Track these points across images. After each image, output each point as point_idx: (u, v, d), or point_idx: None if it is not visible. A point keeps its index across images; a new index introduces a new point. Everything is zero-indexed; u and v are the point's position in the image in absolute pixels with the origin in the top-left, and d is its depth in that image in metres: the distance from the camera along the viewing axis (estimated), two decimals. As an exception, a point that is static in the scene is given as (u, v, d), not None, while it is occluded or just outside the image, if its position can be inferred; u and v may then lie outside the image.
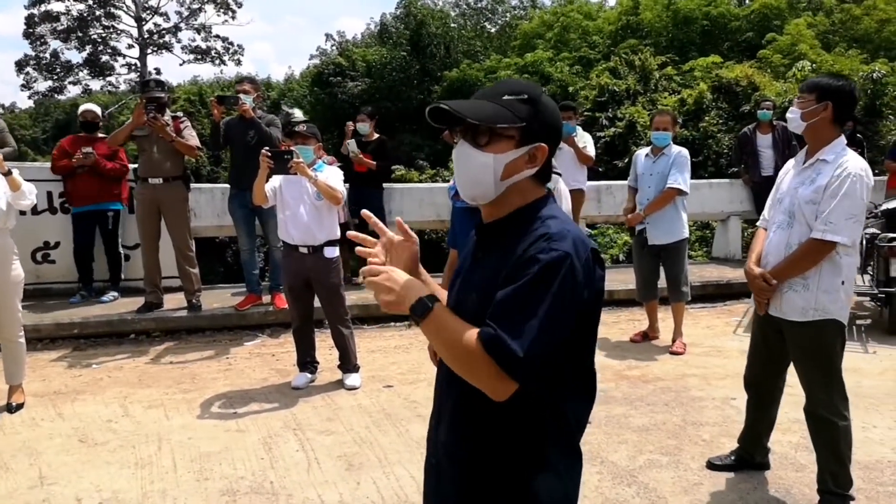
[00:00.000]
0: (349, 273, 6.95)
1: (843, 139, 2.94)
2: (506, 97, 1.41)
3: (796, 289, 2.92)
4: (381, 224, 1.55)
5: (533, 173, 1.44)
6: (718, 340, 5.73)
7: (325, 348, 5.08)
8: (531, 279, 1.30)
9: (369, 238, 1.53)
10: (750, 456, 3.38)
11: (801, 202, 2.90)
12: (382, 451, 3.63)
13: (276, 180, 4.52)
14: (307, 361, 4.74)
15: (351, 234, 1.56)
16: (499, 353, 1.27)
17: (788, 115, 3.02)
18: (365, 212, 1.61)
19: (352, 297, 5.59)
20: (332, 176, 4.48)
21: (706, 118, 12.53)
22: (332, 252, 4.50)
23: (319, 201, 4.41)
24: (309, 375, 4.71)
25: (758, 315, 3.18)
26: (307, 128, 4.56)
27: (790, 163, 3.20)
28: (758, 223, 3.34)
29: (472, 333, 1.31)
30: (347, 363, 4.68)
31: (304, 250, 4.45)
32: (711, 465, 3.42)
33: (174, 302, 6.08)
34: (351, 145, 6.81)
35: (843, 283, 2.88)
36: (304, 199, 4.41)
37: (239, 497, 3.14)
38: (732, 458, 3.42)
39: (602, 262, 1.41)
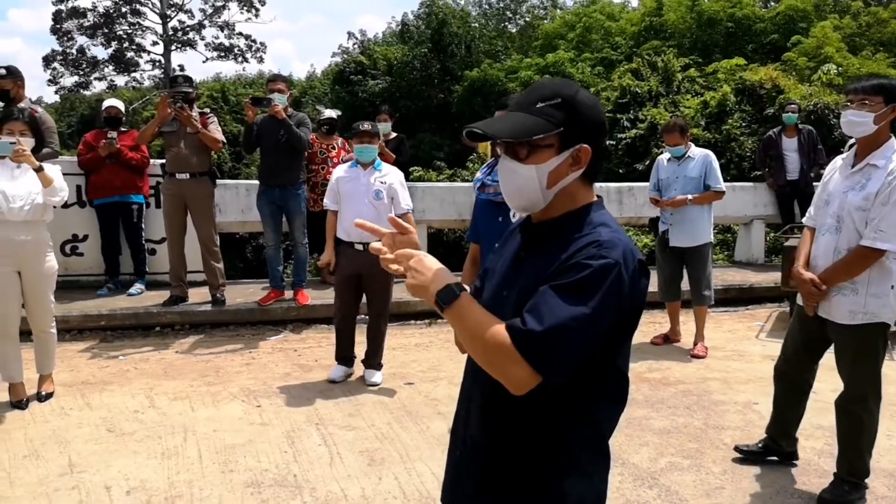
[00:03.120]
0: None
1: (893, 142, 2.93)
2: (539, 104, 1.39)
3: (845, 293, 2.95)
4: (376, 226, 1.53)
5: (579, 175, 1.43)
6: (740, 345, 5.70)
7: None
8: (575, 282, 1.29)
9: (378, 228, 1.53)
10: (778, 446, 3.43)
11: (851, 208, 2.91)
12: (404, 447, 3.66)
13: (334, 179, 4.63)
14: (345, 355, 4.78)
15: (358, 221, 1.56)
16: (519, 334, 1.28)
17: (853, 117, 2.93)
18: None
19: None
20: (395, 178, 4.62)
21: (729, 121, 12.39)
22: None
23: (378, 200, 4.48)
24: (346, 369, 4.76)
25: (798, 311, 3.23)
26: (372, 127, 4.65)
27: (837, 161, 3.18)
28: (804, 220, 3.34)
29: (499, 325, 1.31)
30: (374, 359, 4.73)
31: (360, 247, 4.51)
32: (739, 451, 3.49)
33: (199, 296, 6.17)
34: (378, 128, 6.83)
35: (892, 287, 2.91)
36: (363, 197, 4.49)
37: (263, 489, 3.19)
38: (760, 445, 3.48)
39: (647, 272, 1.40)
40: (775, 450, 3.44)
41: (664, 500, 3.14)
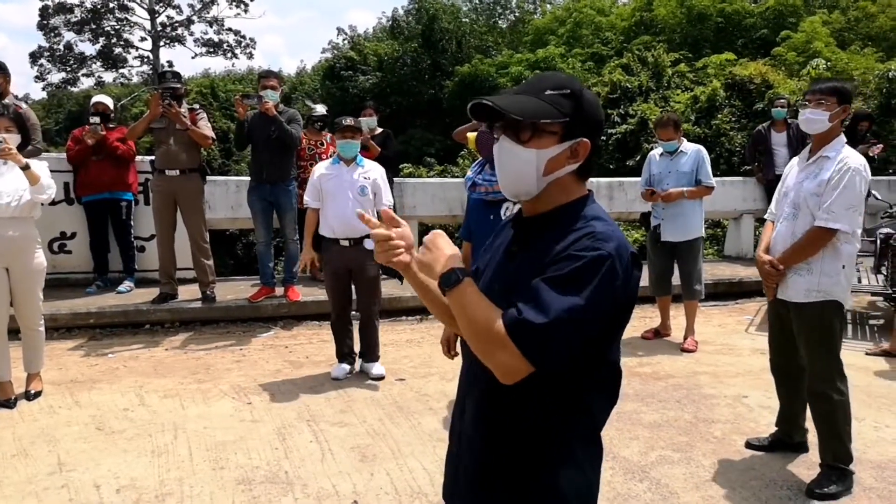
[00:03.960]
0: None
1: (843, 137, 3.22)
2: (548, 92, 1.40)
3: (801, 273, 3.18)
4: (371, 218, 1.61)
5: (575, 168, 1.43)
6: (730, 338, 5.73)
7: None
8: (569, 273, 1.30)
9: (373, 220, 1.59)
10: (788, 437, 3.55)
11: (807, 195, 3.17)
12: (395, 443, 3.66)
13: (316, 176, 4.62)
14: (346, 353, 4.78)
15: (359, 211, 1.64)
16: (514, 324, 1.28)
17: (810, 115, 3.19)
18: (359, 211, 1.67)
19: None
20: (378, 173, 4.61)
21: (719, 116, 12.46)
22: (372, 244, 4.54)
23: (363, 196, 4.48)
24: (348, 367, 4.76)
25: (768, 301, 3.46)
26: (355, 122, 4.66)
27: (794, 161, 3.46)
28: (766, 216, 3.58)
29: (497, 314, 1.32)
30: (371, 354, 4.75)
31: (346, 243, 4.52)
32: (749, 445, 3.59)
33: (188, 293, 6.14)
34: (363, 123, 6.68)
35: (843, 267, 3.15)
36: (347, 193, 4.48)
37: (254, 486, 3.18)
38: (769, 439, 3.58)
39: (640, 265, 1.40)
40: (786, 442, 3.55)
41: (654, 493, 3.15)
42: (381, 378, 4.63)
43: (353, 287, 4.75)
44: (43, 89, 35.18)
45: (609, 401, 1.48)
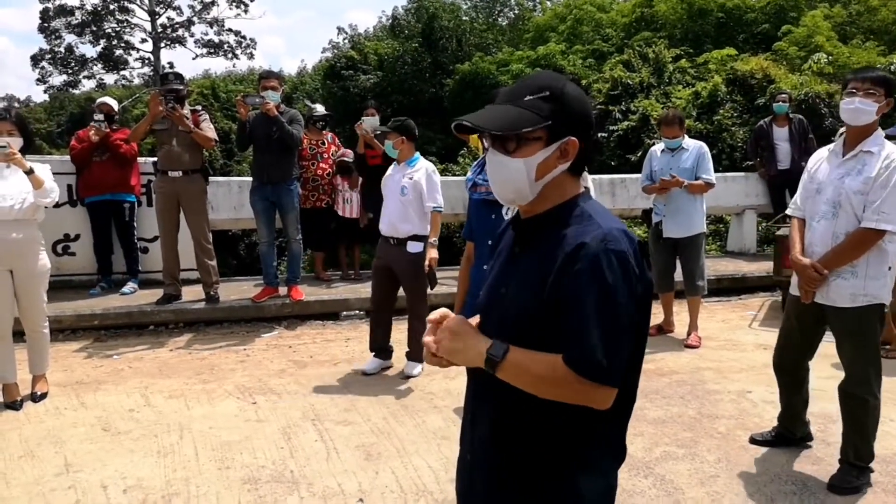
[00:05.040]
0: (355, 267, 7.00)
1: (881, 130, 3.05)
2: (527, 98, 1.39)
3: (845, 276, 3.02)
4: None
5: (567, 167, 1.43)
6: (734, 334, 5.73)
7: (341, 340, 5.13)
8: (594, 287, 1.30)
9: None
10: (791, 433, 3.52)
11: (849, 193, 2.97)
12: (400, 441, 3.67)
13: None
14: (380, 347, 4.82)
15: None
16: (591, 372, 1.29)
17: (860, 105, 2.97)
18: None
19: (364, 290, 5.61)
20: (422, 174, 4.64)
21: (721, 111, 12.42)
22: (416, 247, 4.61)
23: (404, 196, 4.56)
24: (381, 361, 4.81)
25: (793, 302, 3.28)
26: (392, 123, 4.76)
27: (822, 152, 3.24)
28: (789, 212, 3.38)
29: (556, 360, 1.31)
30: (411, 352, 4.80)
31: (392, 241, 4.63)
32: (753, 441, 3.58)
33: (192, 294, 6.15)
34: (367, 122, 6.54)
35: (889, 268, 3.00)
36: (395, 194, 4.59)
37: (260, 485, 3.20)
38: (773, 434, 3.56)
39: (648, 256, 1.41)
40: (789, 437, 3.53)
41: (659, 489, 3.16)
42: (409, 378, 4.68)
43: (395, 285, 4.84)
44: (45, 92, 35.28)
45: (630, 403, 1.48)
